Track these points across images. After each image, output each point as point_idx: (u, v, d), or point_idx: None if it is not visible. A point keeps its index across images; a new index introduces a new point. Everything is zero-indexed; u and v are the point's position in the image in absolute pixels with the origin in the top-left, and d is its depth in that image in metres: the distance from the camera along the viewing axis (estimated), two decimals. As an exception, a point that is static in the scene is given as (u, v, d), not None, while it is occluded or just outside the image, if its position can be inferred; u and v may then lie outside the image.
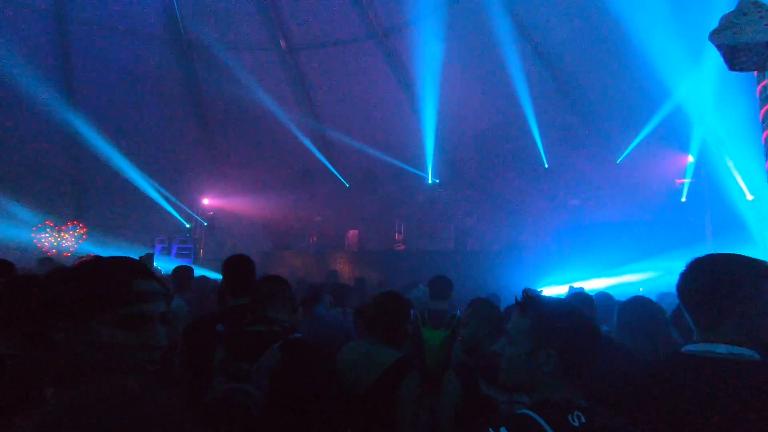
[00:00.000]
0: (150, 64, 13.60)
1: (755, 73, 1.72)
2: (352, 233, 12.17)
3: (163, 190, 13.63)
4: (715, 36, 1.76)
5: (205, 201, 14.88)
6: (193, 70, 13.92)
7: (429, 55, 11.48)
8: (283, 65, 13.87)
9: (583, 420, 1.19)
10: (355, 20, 12.76)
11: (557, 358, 1.27)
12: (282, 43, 13.59)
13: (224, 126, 14.41)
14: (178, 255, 11.69)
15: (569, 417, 1.19)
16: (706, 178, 8.71)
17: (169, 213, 14.02)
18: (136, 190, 13.15)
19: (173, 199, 13.95)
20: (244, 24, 13.10)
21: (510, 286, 7.84)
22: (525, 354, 1.32)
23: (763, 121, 1.67)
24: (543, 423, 1.16)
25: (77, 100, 12.58)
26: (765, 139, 1.67)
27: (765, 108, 1.71)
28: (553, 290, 7.70)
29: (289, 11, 13.19)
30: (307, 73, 13.98)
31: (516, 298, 1.44)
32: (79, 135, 12.36)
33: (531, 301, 1.41)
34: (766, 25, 1.63)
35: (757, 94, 1.72)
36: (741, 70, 1.72)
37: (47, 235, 12.49)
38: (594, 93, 10.87)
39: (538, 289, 5.26)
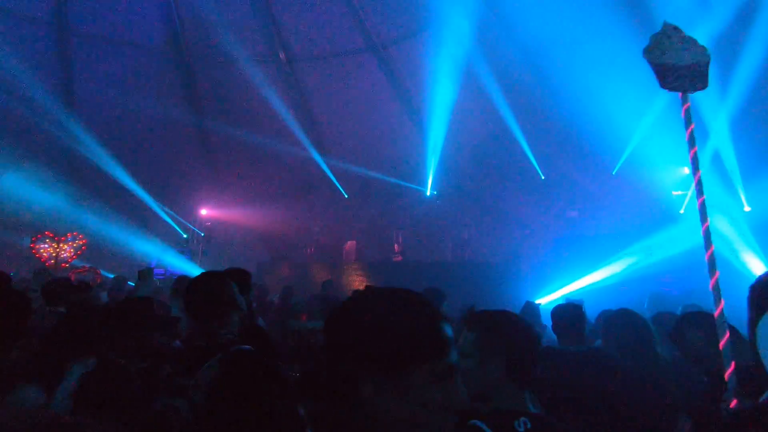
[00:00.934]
0: (150, 76, 13.68)
1: (680, 95, 1.81)
2: (350, 244, 12.16)
3: (161, 202, 13.63)
4: (647, 53, 1.84)
5: (203, 211, 14.86)
6: (192, 81, 14.01)
7: (427, 67, 11.60)
8: (282, 77, 13.97)
9: (529, 425, 1.26)
10: (353, 32, 12.89)
11: (502, 365, 1.36)
12: (281, 55, 13.70)
13: (223, 137, 14.45)
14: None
15: (515, 423, 1.26)
16: (703, 189, 8.73)
17: (166, 223, 14.00)
18: (134, 200, 13.14)
19: (170, 211, 13.94)
20: (243, 36, 13.21)
21: (508, 298, 7.83)
22: (475, 365, 1.40)
23: (689, 141, 1.78)
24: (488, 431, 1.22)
25: (77, 111, 12.62)
26: (692, 157, 1.81)
27: (690, 128, 1.80)
28: (549, 299, 7.72)
29: (289, 24, 13.32)
30: (306, 85, 14.08)
31: (462, 315, 1.54)
32: (79, 145, 12.37)
33: (476, 316, 1.51)
34: (686, 50, 1.78)
35: (683, 114, 1.80)
36: (671, 89, 1.81)
37: (46, 245, 12.44)
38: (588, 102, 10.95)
39: (536, 301, 5.25)
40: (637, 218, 9.51)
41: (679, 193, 9.55)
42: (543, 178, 11.79)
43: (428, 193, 13.33)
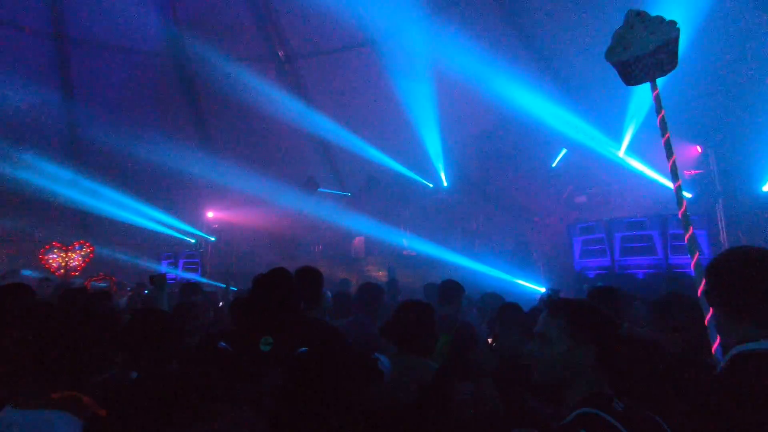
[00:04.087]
0: (150, 80, 13.63)
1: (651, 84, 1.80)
2: (359, 240, 12.11)
3: (166, 207, 13.62)
4: (609, 54, 1.82)
5: (210, 214, 14.82)
6: (193, 84, 13.94)
7: (427, 58, 11.44)
8: (282, 75, 13.88)
9: (621, 405, 1.34)
10: (351, 26, 12.75)
11: (592, 353, 1.38)
12: (280, 53, 13.61)
13: (226, 139, 14.40)
14: (185, 269, 11.62)
15: (614, 404, 1.33)
16: (718, 167, 8.57)
17: (173, 227, 14.00)
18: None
19: (176, 214, 13.92)
20: (242, 36, 13.13)
21: (519, 286, 7.74)
22: (563, 352, 1.41)
23: (660, 127, 1.78)
24: (604, 415, 1.28)
25: (77, 118, 12.62)
26: (665, 143, 1.79)
27: (661, 114, 1.79)
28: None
29: (286, 22, 13.22)
30: (307, 82, 13.97)
31: (543, 300, 1.58)
32: (80, 152, 12.38)
33: (562, 302, 1.51)
34: (650, 34, 1.72)
35: (653, 100, 1.78)
36: (636, 83, 1.83)
37: (55, 255, 12.50)
38: (595, 88, 10.76)
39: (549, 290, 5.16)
40: (649, 201, 9.34)
41: (692, 172, 9.31)
42: (554, 166, 11.57)
43: (434, 185, 13.21)
